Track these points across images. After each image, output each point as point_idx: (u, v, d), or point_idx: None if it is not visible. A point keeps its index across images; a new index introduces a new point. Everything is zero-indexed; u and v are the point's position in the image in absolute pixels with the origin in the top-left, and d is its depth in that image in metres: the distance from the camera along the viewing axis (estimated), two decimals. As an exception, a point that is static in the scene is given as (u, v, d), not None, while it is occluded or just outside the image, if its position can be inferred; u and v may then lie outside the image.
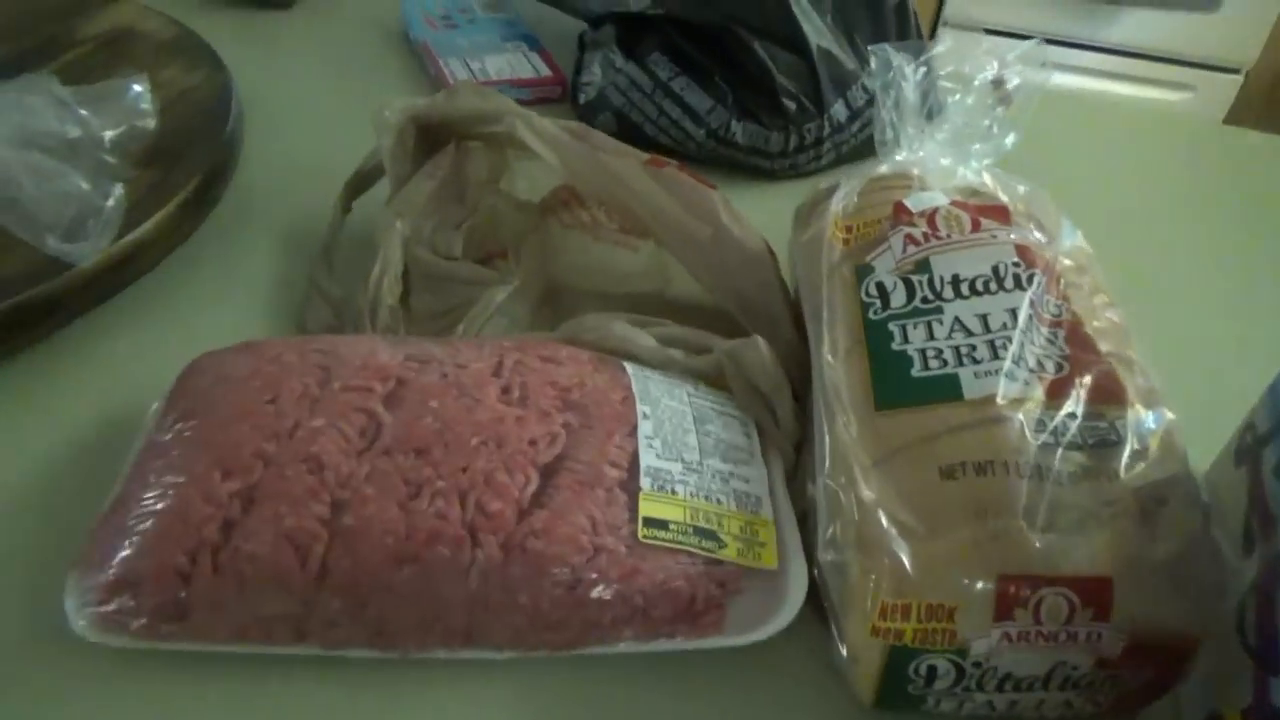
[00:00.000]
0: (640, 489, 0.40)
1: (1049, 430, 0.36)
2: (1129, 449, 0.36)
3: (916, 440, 0.38)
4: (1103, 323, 0.41)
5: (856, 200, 0.48)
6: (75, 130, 0.54)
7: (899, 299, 0.42)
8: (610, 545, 0.38)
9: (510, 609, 0.37)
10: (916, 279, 0.43)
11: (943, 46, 0.50)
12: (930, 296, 0.42)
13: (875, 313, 0.42)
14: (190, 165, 0.57)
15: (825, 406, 0.40)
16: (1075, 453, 0.36)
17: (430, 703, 0.38)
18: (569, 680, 0.39)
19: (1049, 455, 0.36)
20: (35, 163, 0.51)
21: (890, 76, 0.48)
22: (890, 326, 0.42)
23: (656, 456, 0.41)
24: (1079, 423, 0.37)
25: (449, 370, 0.42)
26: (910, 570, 0.34)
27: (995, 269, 0.42)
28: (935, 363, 0.40)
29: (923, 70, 0.48)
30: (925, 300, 0.42)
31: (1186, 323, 0.60)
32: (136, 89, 0.58)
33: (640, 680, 0.39)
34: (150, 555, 0.36)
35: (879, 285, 0.43)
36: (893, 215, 0.45)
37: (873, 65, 0.49)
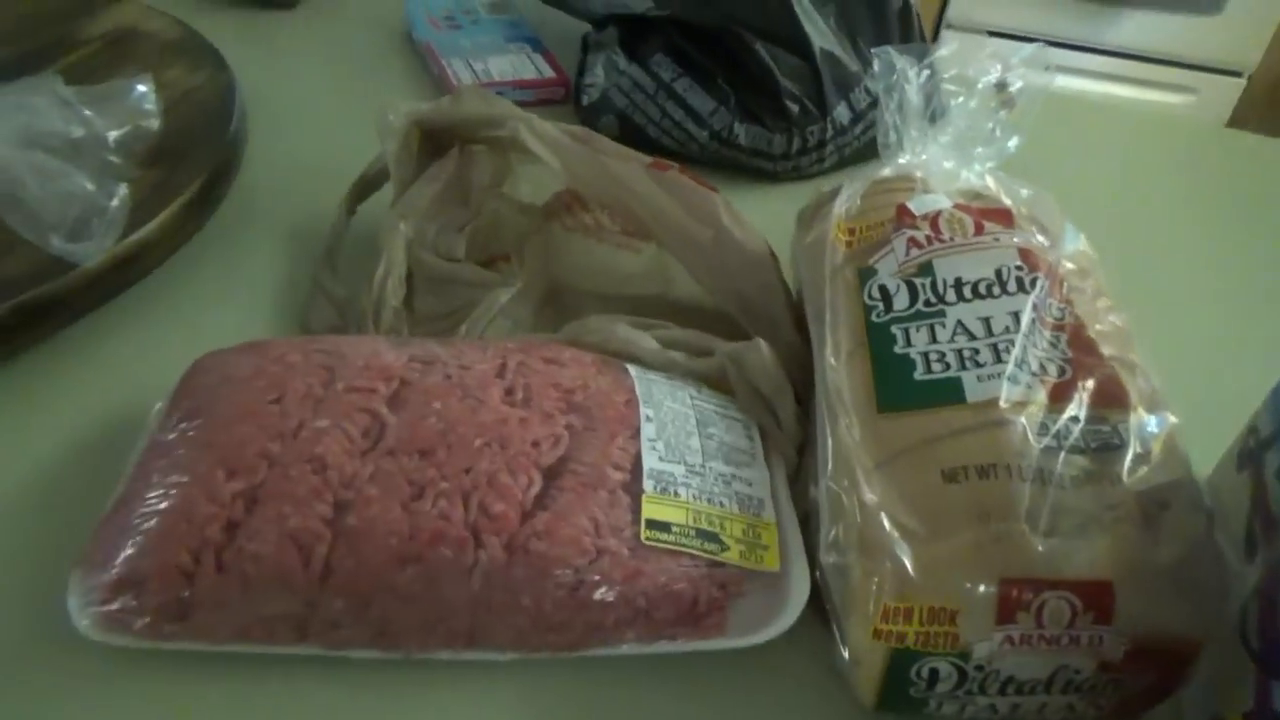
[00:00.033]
0: (643, 491, 0.40)
1: (1051, 434, 0.36)
2: (1131, 453, 0.36)
3: (919, 443, 0.38)
4: (1105, 326, 0.41)
5: (859, 203, 0.48)
6: (79, 130, 0.55)
7: (902, 302, 0.42)
8: (613, 547, 0.38)
9: (513, 610, 0.37)
10: (919, 282, 0.43)
11: (946, 49, 0.50)
12: (933, 299, 0.42)
13: (878, 315, 0.42)
14: (194, 165, 0.57)
15: (828, 409, 0.40)
16: (1078, 456, 0.36)
17: (432, 704, 0.38)
18: (571, 682, 0.39)
19: (1051, 459, 0.36)
20: (39, 163, 0.52)
21: (893, 79, 0.48)
22: (893, 329, 0.42)
23: (659, 459, 0.41)
24: (1081, 426, 0.37)
25: (453, 371, 0.42)
26: (912, 573, 0.34)
27: (998, 272, 0.42)
28: (938, 366, 0.40)
29: (926, 73, 0.48)
30: (928, 303, 0.42)
31: (1189, 326, 0.60)
32: (141, 89, 0.58)
33: (642, 682, 0.39)
34: (153, 554, 0.37)
35: (882, 288, 0.43)
36: (896, 218, 0.46)
37: (876, 67, 0.49)
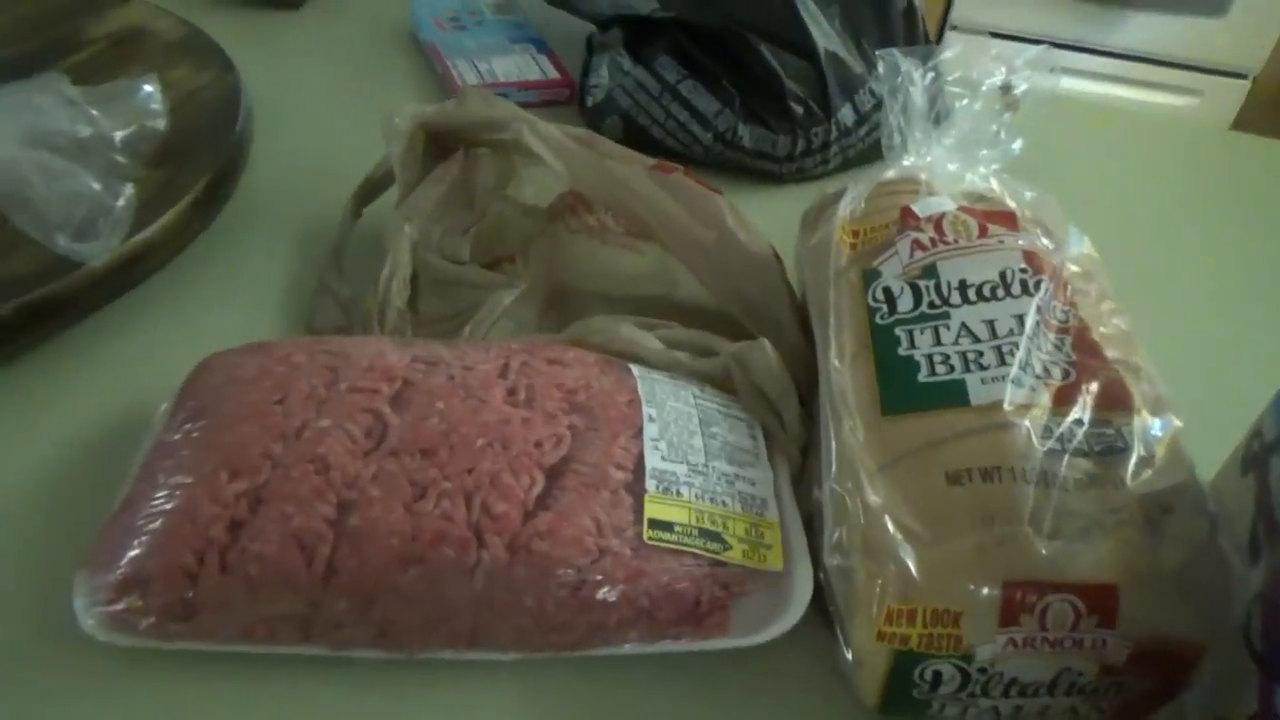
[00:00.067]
0: (645, 491, 0.40)
1: (1055, 437, 0.36)
2: (1135, 456, 0.36)
3: (923, 445, 0.38)
4: (1109, 329, 0.41)
5: (864, 205, 0.48)
6: (86, 130, 0.55)
7: (906, 304, 0.42)
8: (615, 547, 0.38)
9: (515, 610, 0.37)
10: (923, 284, 0.43)
11: (951, 51, 0.50)
12: (937, 302, 0.42)
13: (882, 317, 0.42)
14: (199, 165, 0.57)
15: (831, 411, 0.40)
16: (1082, 459, 0.36)
17: (435, 704, 0.38)
18: (574, 681, 0.39)
19: (1055, 462, 0.36)
20: (46, 162, 0.52)
21: (898, 81, 0.48)
22: (897, 331, 0.42)
23: (662, 459, 0.41)
24: (1085, 429, 0.37)
25: (456, 372, 0.42)
26: (916, 575, 0.34)
27: (1002, 274, 0.42)
28: (942, 368, 0.40)
29: (930, 75, 0.48)
30: (932, 305, 0.42)
31: (1193, 329, 0.60)
32: (147, 89, 0.58)
33: (645, 682, 0.39)
34: (158, 555, 0.37)
35: (886, 290, 0.43)
36: (900, 220, 0.45)
37: (880, 70, 0.49)
